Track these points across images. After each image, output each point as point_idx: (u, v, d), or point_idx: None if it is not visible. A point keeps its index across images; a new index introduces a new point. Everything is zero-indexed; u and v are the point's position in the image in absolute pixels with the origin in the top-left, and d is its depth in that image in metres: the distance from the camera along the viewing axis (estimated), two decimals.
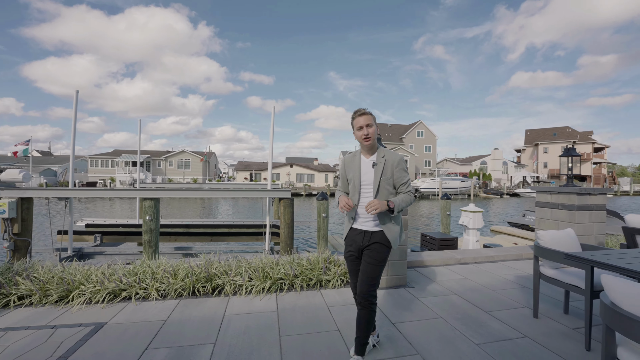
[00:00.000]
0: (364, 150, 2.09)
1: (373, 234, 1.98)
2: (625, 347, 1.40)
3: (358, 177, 2.05)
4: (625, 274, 1.85)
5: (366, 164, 2.06)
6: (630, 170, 73.36)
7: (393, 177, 2.01)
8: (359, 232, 2.03)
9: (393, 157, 2.04)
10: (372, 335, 2.19)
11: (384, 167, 2.00)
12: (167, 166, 43.90)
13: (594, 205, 4.39)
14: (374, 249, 1.96)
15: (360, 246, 2.01)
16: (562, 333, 2.45)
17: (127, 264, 3.49)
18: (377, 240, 1.97)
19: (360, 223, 2.04)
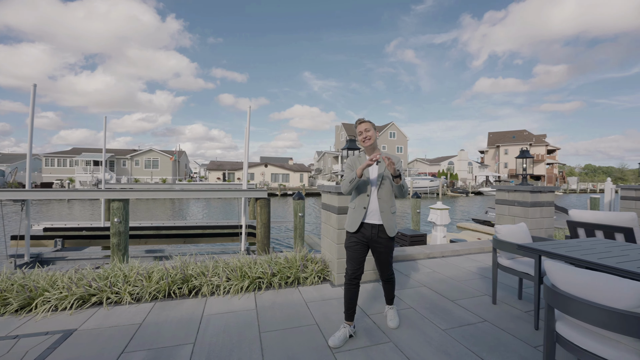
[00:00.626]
0: (367, 151, 2.45)
1: (380, 228, 2.34)
2: (562, 321, 1.65)
3: (367, 172, 2.37)
4: (565, 260, 2.13)
5: None
6: (577, 170, 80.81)
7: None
8: (370, 226, 2.34)
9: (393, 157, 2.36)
10: (349, 325, 2.34)
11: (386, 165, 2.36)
12: (133, 166, 41.52)
13: (544, 202, 4.88)
14: (383, 244, 2.36)
15: (370, 238, 2.34)
16: (516, 316, 2.74)
17: (97, 268, 3.35)
18: (384, 236, 2.34)
19: (370, 217, 2.35)
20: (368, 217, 2.34)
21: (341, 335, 2.26)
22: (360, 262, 2.34)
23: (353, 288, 2.32)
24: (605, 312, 1.35)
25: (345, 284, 2.34)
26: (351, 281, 2.32)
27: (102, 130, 8.04)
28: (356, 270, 2.32)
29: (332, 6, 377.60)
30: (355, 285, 2.32)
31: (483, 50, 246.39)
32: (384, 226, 2.32)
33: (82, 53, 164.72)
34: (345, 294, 2.34)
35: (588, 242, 2.47)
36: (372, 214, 2.34)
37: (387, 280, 2.51)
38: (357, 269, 2.32)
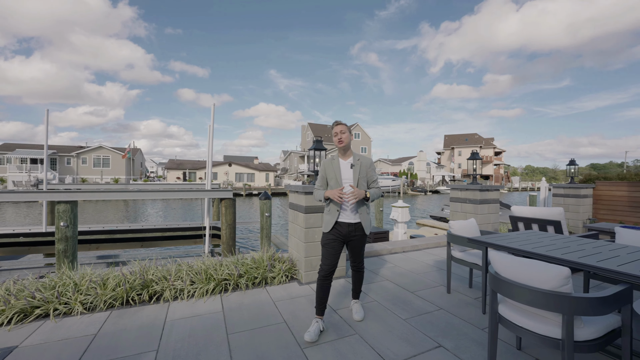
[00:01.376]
0: (340, 153, 2.54)
1: (356, 226, 2.47)
2: (503, 304, 1.88)
3: (339, 175, 2.47)
4: (507, 251, 2.42)
5: (345, 165, 2.50)
6: (519, 170, 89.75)
7: (367, 176, 2.50)
8: (344, 224, 2.46)
9: (366, 161, 2.54)
10: (321, 319, 2.44)
11: (360, 167, 2.48)
12: (79, 164, 37.67)
13: (491, 199, 5.41)
14: (358, 239, 2.52)
15: (346, 235, 2.47)
16: (467, 303, 3.03)
17: (41, 277, 3.05)
18: (360, 233, 2.49)
19: (344, 216, 2.46)
20: (342, 217, 2.46)
21: (315, 330, 2.34)
22: (335, 258, 2.45)
23: (327, 284, 2.43)
24: (535, 292, 1.58)
25: (319, 279, 2.44)
26: (326, 277, 2.43)
27: (41, 124, 7.24)
28: (332, 266, 2.44)
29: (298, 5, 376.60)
30: (329, 281, 2.44)
31: (440, 57, 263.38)
32: (361, 224, 2.47)
33: (12, 35, 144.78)
34: (318, 290, 2.44)
35: (525, 235, 2.81)
36: (347, 214, 2.46)
37: (357, 269, 2.64)
38: (332, 265, 2.44)
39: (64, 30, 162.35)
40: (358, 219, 2.47)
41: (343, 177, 2.48)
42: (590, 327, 1.60)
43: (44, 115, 7.38)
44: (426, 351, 2.19)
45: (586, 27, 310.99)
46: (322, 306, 2.43)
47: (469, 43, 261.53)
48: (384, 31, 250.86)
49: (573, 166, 7.25)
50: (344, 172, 2.48)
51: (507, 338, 2.34)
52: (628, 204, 6.60)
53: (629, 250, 2.14)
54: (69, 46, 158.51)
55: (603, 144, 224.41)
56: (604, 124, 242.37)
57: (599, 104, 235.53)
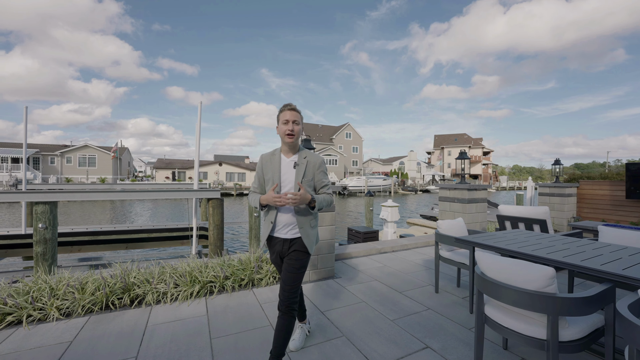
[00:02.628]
0: (284, 148, 1.98)
1: (292, 242, 1.93)
2: (489, 304, 1.87)
3: (278, 177, 1.94)
4: (493, 250, 2.42)
5: (287, 163, 1.97)
6: (507, 170, 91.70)
7: (314, 179, 1.98)
8: (279, 241, 1.96)
9: (315, 159, 1.99)
10: (304, 323, 2.35)
11: (305, 168, 1.94)
12: (64, 163, 36.57)
13: (479, 198, 5.46)
14: (293, 258, 1.91)
15: (281, 254, 1.97)
16: (455, 302, 3.03)
17: (15, 282, 2.91)
18: (297, 249, 1.92)
19: (279, 230, 1.95)
20: (277, 230, 1.95)
21: (300, 336, 2.25)
22: None
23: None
24: (520, 293, 1.56)
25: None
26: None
27: (22, 122, 6.96)
28: None
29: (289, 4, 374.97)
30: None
31: (429, 58, 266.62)
32: (302, 240, 1.93)
33: None
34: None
35: (511, 234, 2.83)
36: (283, 228, 1.94)
37: (285, 311, 1.85)
38: None
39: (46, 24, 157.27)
40: (297, 233, 1.93)
41: (283, 178, 1.94)
42: (575, 327, 1.60)
43: (22, 112, 7.10)
44: (413, 352, 2.17)
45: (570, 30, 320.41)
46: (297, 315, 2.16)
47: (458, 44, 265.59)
48: (375, 31, 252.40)
49: (558, 166, 7.40)
50: (285, 172, 1.95)
51: (493, 338, 2.34)
52: (610, 203, 6.78)
53: (612, 249, 2.17)
54: (51, 41, 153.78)
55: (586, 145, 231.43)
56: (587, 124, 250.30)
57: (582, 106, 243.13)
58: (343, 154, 49.77)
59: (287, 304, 1.86)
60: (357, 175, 50.17)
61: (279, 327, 1.85)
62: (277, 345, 1.82)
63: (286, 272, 1.91)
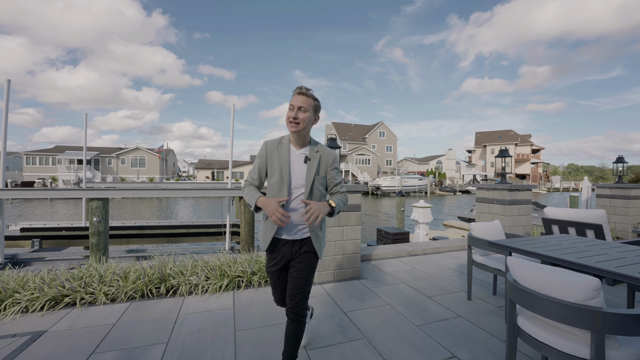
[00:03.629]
0: (292, 138, 1.73)
1: (303, 243, 1.73)
2: (522, 315, 1.70)
3: (287, 172, 1.68)
4: (532, 257, 2.20)
5: (297, 156, 1.72)
6: (561, 169, 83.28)
7: (327, 177, 1.76)
8: (286, 243, 1.74)
9: (328, 154, 1.77)
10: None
11: (318, 164, 1.71)
12: (119, 164, 40.57)
13: (522, 200, 5.02)
14: (302, 261, 1.72)
15: (289, 258, 1.74)
16: (489, 311, 2.82)
17: (71, 269, 3.28)
18: (307, 250, 1.73)
19: (286, 232, 1.73)
20: (284, 231, 1.73)
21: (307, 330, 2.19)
22: (283, 290, 1.83)
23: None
24: (558, 305, 1.40)
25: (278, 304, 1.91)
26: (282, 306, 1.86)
27: (86, 128, 7.83)
28: (282, 299, 1.86)
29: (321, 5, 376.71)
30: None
31: (470, 51, 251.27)
32: (311, 242, 1.74)
33: (62, 48, 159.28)
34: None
35: (555, 239, 2.55)
36: (289, 230, 1.73)
37: (293, 317, 1.69)
38: (282, 298, 1.86)
39: (104, 40, 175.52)
40: (307, 233, 1.74)
41: (293, 173, 1.69)
42: (627, 349, 1.40)
43: (87, 120, 7.98)
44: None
45: None
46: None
47: (503, 34, 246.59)
48: (410, 27, 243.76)
49: (621, 164, 6.54)
50: (295, 166, 1.70)
51: (529, 352, 2.13)
52: None
53: None
54: (109, 55, 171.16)
55: None
56: None
57: None
58: (376, 154, 48.87)
59: (296, 311, 1.69)
60: (390, 175, 48.96)
61: (289, 334, 1.72)
62: (288, 349, 1.73)
63: (296, 277, 1.71)
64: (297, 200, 1.70)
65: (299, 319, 1.71)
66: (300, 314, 1.71)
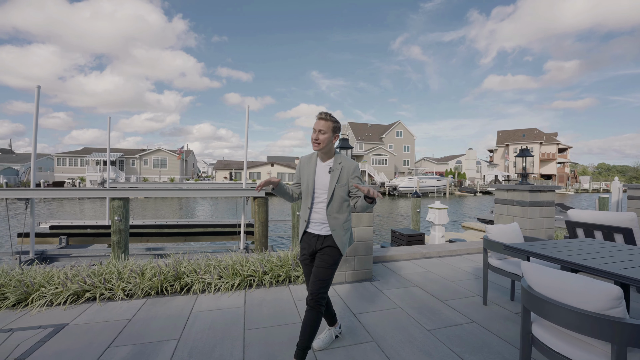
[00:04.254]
0: (320, 153, 2.07)
1: (325, 238, 2.01)
2: (537, 323, 1.62)
3: (312, 180, 2.04)
4: (550, 262, 2.09)
5: (322, 168, 2.06)
6: (590, 169, 78.83)
7: (348, 184, 2.03)
8: (313, 236, 2.05)
9: (349, 165, 2.04)
10: (334, 327, 2.31)
11: (340, 173, 2.01)
12: (141, 165, 42.25)
13: (544, 201, 4.78)
14: (325, 253, 1.99)
15: (314, 249, 2.04)
16: (505, 317, 2.70)
17: (92, 265, 3.44)
18: (329, 244, 2.00)
19: (313, 227, 2.05)
20: (311, 227, 2.06)
21: (325, 337, 2.23)
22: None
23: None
24: (575, 314, 1.32)
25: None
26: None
27: (112, 130, 8.22)
28: None
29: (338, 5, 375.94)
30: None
31: (491, 47, 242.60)
32: (331, 237, 2.00)
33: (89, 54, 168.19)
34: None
35: (577, 243, 2.41)
36: (316, 225, 2.05)
37: (313, 305, 1.91)
38: None
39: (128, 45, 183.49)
40: (329, 230, 2.00)
41: (317, 183, 2.03)
42: None
43: (112, 122, 8.37)
44: None
45: None
46: (326, 319, 2.25)
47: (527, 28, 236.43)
48: (429, 24, 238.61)
49: None
50: (319, 177, 2.04)
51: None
52: None
53: None
54: (132, 59, 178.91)
55: None
56: None
57: None
58: (393, 154, 48.19)
59: (315, 298, 1.91)
60: (408, 175, 48.13)
61: (306, 321, 1.91)
62: (303, 337, 1.89)
63: (318, 267, 1.97)
64: (321, 204, 2.03)
65: (316, 306, 1.91)
66: (318, 302, 1.91)
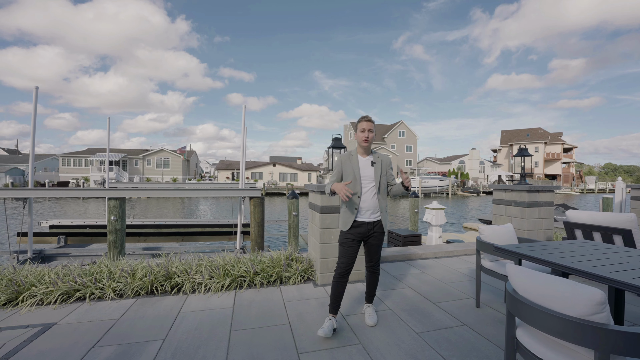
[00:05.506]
0: (360, 150, 2.45)
1: (375, 225, 2.42)
2: (522, 328, 1.57)
3: (358, 173, 2.39)
4: (540, 264, 2.04)
5: (364, 162, 2.43)
6: (596, 169, 77.87)
7: (386, 175, 2.48)
8: (363, 223, 2.39)
9: (385, 159, 2.52)
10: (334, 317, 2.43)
11: (381, 166, 2.44)
12: (145, 165, 42.52)
13: (542, 202, 4.71)
14: (378, 237, 2.45)
15: (365, 234, 2.41)
16: (498, 320, 2.65)
17: (84, 265, 3.44)
18: (379, 230, 2.43)
19: (362, 215, 2.41)
20: (361, 216, 2.40)
21: (329, 327, 2.33)
22: (352, 258, 2.42)
23: (342, 282, 2.41)
24: (557, 319, 1.27)
25: (335, 277, 2.43)
26: (342, 276, 2.41)
27: (116, 131, 8.30)
28: (348, 265, 2.41)
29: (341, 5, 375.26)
30: (344, 280, 2.41)
31: (495, 45, 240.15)
32: (381, 222, 2.42)
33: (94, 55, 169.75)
34: (333, 289, 2.42)
35: (570, 245, 2.36)
36: (365, 213, 2.40)
37: (373, 270, 2.54)
38: (349, 264, 2.41)
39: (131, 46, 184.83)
40: (379, 216, 2.43)
41: (362, 174, 2.41)
42: None
43: (116, 123, 8.42)
44: None
45: None
46: (335, 305, 2.42)
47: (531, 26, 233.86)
48: (432, 23, 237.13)
49: None
50: (363, 169, 2.41)
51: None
52: None
53: None
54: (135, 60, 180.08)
55: None
56: None
57: None
58: (396, 154, 48.00)
59: (375, 266, 2.54)
60: (410, 175, 47.93)
61: (369, 281, 2.61)
62: (369, 291, 2.63)
63: (374, 247, 2.47)
64: (369, 193, 2.40)
65: (376, 271, 2.56)
66: (377, 269, 2.56)
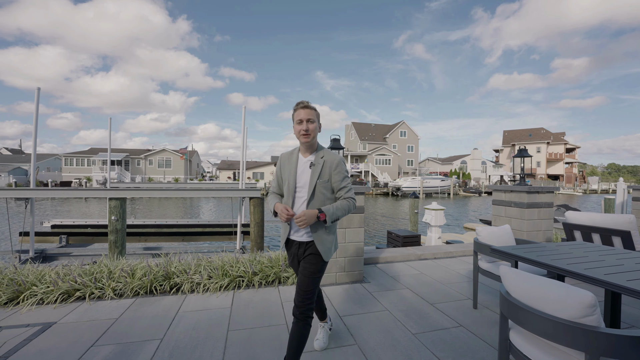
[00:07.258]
0: (302, 148, 1.90)
1: (308, 245, 1.84)
2: (515, 330, 1.58)
3: (293, 177, 1.85)
4: (536, 265, 2.04)
5: (303, 163, 1.87)
6: (599, 169, 77.42)
7: (331, 181, 1.84)
8: (295, 244, 1.89)
9: (332, 158, 1.85)
10: (325, 322, 2.29)
11: (322, 168, 1.82)
12: (147, 165, 42.69)
13: (542, 203, 4.70)
14: (308, 261, 1.82)
15: (297, 257, 1.89)
16: (494, 321, 2.65)
17: (84, 265, 3.47)
18: (312, 252, 1.83)
19: (294, 233, 1.88)
20: (294, 233, 1.88)
21: (323, 336, 2.23)
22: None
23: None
24: (548, 321, 1.28)
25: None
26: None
27: (119, 131, 8.36)
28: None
29: (343, 5, 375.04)
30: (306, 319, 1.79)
31: (497, 45, 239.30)
32: (315, 245, 1.81)
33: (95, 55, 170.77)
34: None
35: (567, 247, 2.36)
36: (299, 230, 1.86)
37: (300, 317, 1.75)
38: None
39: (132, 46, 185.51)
40: (311, 237, 1.83)
41: (298, 180, 1.84)
42: None
43: (118, 122, 8.47)
44: None
45: None
46: (318, 314, 2.25)
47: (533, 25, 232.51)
48: (434, 23, 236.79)
49: None
50: (301, 173, 1.86)
51: None
52: None
53: None
54: (136, 60, 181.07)
55: None
56: None
57: None
58: (397, 154, 47.94)
59: (301, 310, 1.75)
60: (412, 175, 47.84)
61: (293, 333, 1.74)
62: (290, 352, 1.72)
63: (301, 276, 1.82)
64: (301, 202, 1.84)
65: (303, 318, 1.75)
66: (305, 313, 1.75)
